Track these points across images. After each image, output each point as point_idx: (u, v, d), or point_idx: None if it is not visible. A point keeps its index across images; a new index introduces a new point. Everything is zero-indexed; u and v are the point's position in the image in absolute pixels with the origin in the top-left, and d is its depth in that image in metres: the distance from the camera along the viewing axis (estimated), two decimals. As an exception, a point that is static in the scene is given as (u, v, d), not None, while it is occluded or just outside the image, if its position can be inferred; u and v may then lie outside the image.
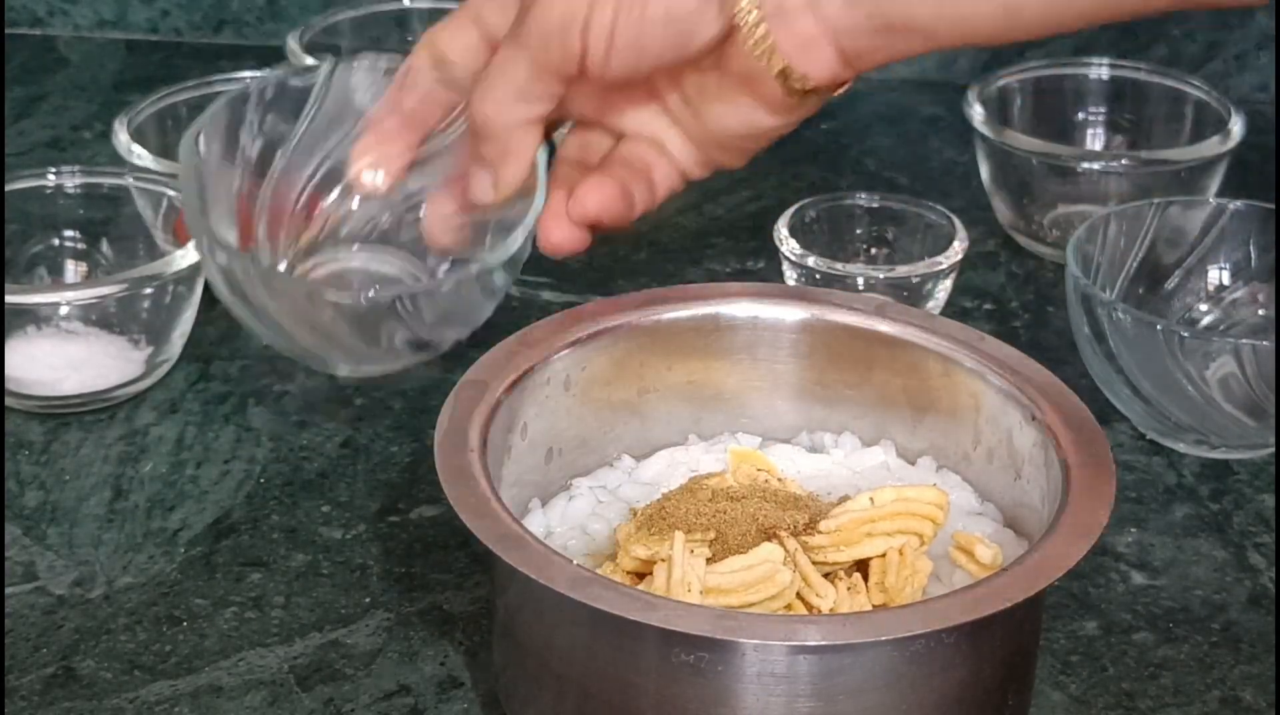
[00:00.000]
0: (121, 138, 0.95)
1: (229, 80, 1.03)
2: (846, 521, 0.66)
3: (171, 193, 0.91)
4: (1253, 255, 0.90)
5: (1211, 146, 0.98)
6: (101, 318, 0.86)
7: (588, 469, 0.75)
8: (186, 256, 0.86)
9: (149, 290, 0.86)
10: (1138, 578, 0.77)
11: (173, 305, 0.87)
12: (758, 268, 0.99)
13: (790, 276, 0.91)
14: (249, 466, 0.83)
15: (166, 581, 0.76)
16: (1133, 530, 0.80)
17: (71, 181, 0.93)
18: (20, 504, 0.80)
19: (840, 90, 0.71)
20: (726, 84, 0.71)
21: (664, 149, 0.73)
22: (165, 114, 1.00)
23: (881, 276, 0.89)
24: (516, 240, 0.68)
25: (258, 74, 1.03)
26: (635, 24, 0.67)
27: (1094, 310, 0.82)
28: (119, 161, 0.95)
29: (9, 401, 0.85)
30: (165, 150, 0.97)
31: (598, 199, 0.71)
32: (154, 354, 0.88)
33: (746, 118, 0.71)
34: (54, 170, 0.93)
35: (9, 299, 0.83)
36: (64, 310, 0.85)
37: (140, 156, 0.94)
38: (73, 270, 0.93)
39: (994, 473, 0.72)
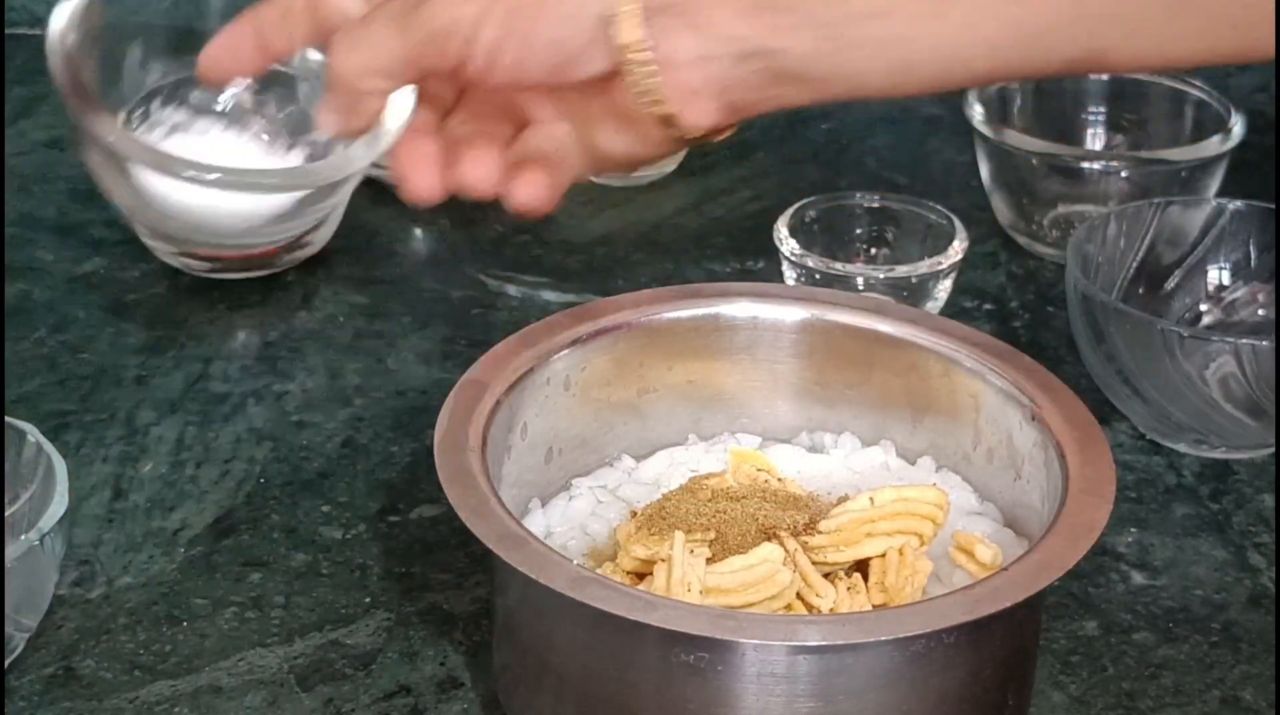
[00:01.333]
0: None
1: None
2: (846, 521, 0.66)
3: None
4: (1253, 255, 0.90)
5: (1211, 146, 0.98)
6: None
7: (588, 469, 0.75)
8: None
9: None
10: (1138, 578, 0.77)
11: None
12: (758, 268, 0.99)
13: (790, 276, 0.91)
14: (249, 466, 0.83)
15: (166, 581, 0.76)
16: (1133, 530, 0.80)
17: None
18: (20, 504, 0.80)
19: (722, 136, 0.71)
20: (610, 113, 0.71)
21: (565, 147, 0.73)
22: None
23: (881, 276, 0.89)
24: (63, 501, 0.70)
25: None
26: (518, 48, 0.68)
27: (1094, 310, 0.82)
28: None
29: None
30: None
31: (481, 172, 0.70)
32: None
33: (627, 147, 0.71)
34: None
35: None
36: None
37: None
38: None
39: (994, 473, 0.72)
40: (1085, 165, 0.99)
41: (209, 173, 0.68)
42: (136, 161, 0.71)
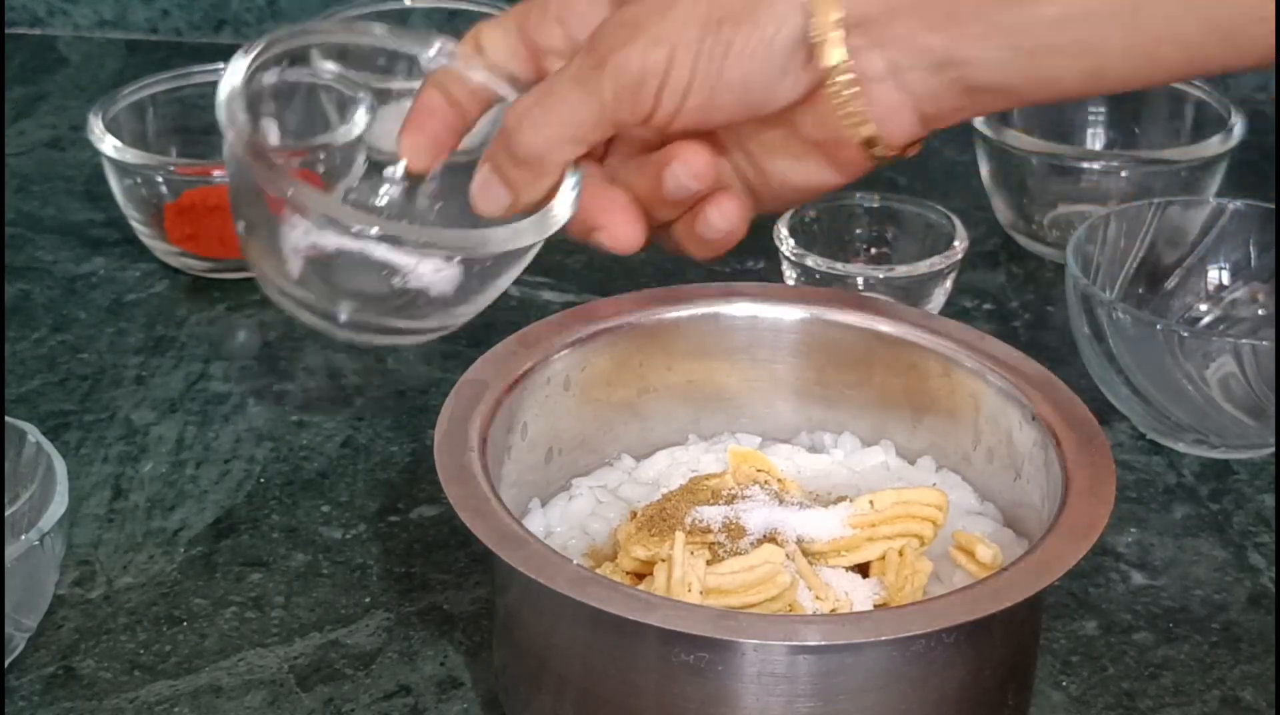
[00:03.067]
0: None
1: (206, 72, 1.05)
2: (849, 535, 0.66)
3: None
4: (1253, 255, 0.90)
5: (1211, 146, 0.98)
6: None
7: (588, 469, 0.75)
8: None
9: None
10: (1138, 578, 0.77)
11: None
12: (758, 268, 0.99)
13: (790, 276, 0.91)
14: (249, 466, 0.83)
15: (166, 581, 0.76)
16: (1133, 530, 0.80)
17: None
18: (20, 504, 0.80)
19: (911, 152, 0.70)
20: (795, 144, 0.70)
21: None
22: (141, 105, 1.03)
23: (881, 276, 0.89)
24: (62, 501, 0.69)
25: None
26: (710, 86, 0.67)
27: (1094, 310, 0.82)
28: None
29: None
30: (138, 141, 1.00)
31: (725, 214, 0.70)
32: None
33: (812, 177, 0.70)
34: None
35: None
36: None
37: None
38: None
39: (994, 473, 0.72)
40: (1085, 165, 0.99)
41: (376, 227, 0.64)
42: (314, 213, 0.67)
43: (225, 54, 1.11)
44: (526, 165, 0.69)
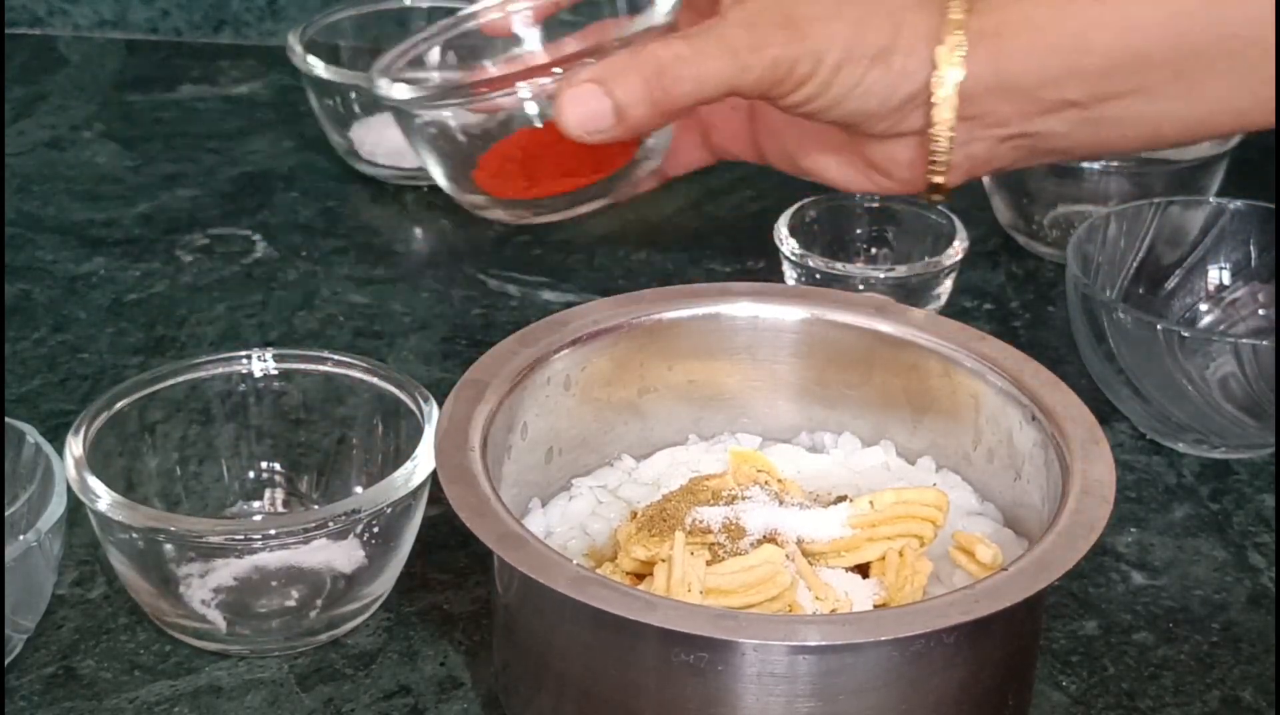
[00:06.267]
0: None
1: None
2: (848, 535, 0.66)
3: None
4: (1253, 255, 0.90)
5: (1211, 146, 0.98)
6: None
7: (588, 469, 0.75)
8: None
9: None
10: (1138, 578, 0.77)
11: None
12: (758, 268, 0.99)
13: (790, 276, 0.91)
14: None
15: (166, 581, 0.76)
16: (1133, 530, 0.80)
17: None
18: (20, 504, 0.80)
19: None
20: (849, 155, 0.80)
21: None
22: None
23: (881, 276, 0.89)
24: (61, 501, 0.69)
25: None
26: (833, 103, 0.75)
27: (1094, 310, 0.82)
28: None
29: None
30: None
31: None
32: None
33: (850, 182, 0.81)
34: None
35: None
36: None
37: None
38: None
39: (994, 473, 0.72)
40: (1085, 165, 0.99)
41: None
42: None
43: (225, 54, 1.11)
44: (650, 103, 0.73)
